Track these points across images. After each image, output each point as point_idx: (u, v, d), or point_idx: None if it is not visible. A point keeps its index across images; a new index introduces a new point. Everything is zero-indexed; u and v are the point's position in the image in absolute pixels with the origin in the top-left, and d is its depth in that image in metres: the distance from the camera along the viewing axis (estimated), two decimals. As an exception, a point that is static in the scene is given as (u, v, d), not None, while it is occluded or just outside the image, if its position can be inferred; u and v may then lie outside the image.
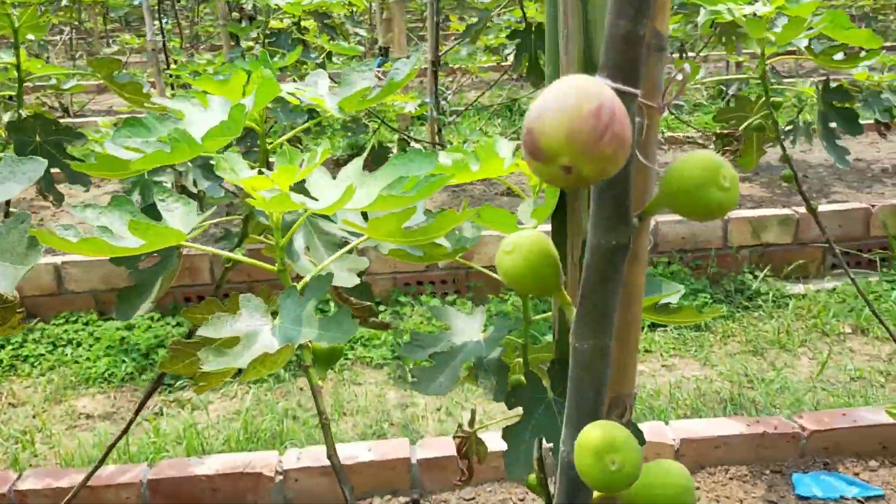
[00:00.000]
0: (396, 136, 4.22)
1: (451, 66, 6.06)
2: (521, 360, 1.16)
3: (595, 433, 0.54)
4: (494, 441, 1.16)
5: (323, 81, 1.28)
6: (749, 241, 3.40)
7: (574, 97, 0.41)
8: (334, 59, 5.59)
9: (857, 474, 1.97)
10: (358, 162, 0.84)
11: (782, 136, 2.07)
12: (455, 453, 1.25)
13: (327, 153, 0.97)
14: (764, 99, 2.00)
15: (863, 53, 1.87)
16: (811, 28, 1.70)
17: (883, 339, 2.91)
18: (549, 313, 1.21)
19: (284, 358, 0.75)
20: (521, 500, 2.00)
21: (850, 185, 4.20)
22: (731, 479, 1.97)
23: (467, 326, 1.12)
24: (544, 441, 1.04)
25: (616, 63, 0.45)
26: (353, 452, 1.94)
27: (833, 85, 1.92)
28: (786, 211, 3.43)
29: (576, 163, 0.42)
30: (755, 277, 3.34)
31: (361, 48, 4.48)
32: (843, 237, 3.39)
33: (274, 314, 0.81)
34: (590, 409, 0.57)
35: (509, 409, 1.07)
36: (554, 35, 0.93)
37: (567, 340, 1.06)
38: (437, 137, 4.30)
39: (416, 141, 4.62)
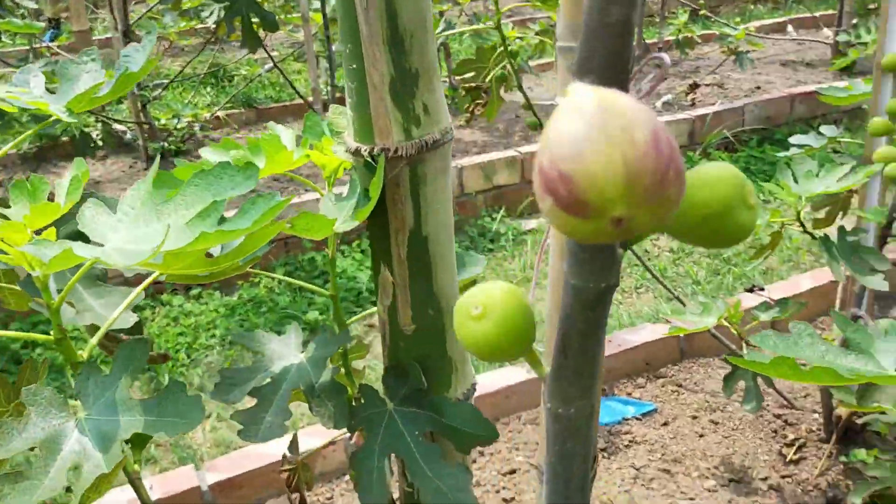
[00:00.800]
0: (95, 120, 3.73)
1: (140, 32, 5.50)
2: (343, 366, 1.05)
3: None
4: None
5: (37, 80, 1.03)
6: (483, 186, 3.51)
7: (618, 122, 0.29)
8: (4, 38, 4.80)
9: (629, 394, 2.12)
10: (143, 186, 0.66)
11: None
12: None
13: (86, 175, 0.76)
14: (502, 48, 2.02)
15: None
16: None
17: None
18: (364, 312, 1.10)
19: (119, 467, 0.56)
20: None
21: (557, 119, 4.50)
22: (524, 424, 2.03)
23: (283, 348, 0.97)
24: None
25: (609, 62, 0.35)
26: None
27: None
28: (510, 153, 3.58)
29: (633, 213, 0.31)
30: (493, 220, 3.47)
31: (41, 24, 3.86)
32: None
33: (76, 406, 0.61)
34: (579, 480, 0.48)
35: (351, 433, 0.96)
36: (346, 4, 0.80)
37: (399, 344, 0.97)
38: (142, 116, 3.88)
39: (118, 122, 4.15)
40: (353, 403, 0.99)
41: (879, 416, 1.66)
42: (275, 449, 1.65)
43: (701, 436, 1.98)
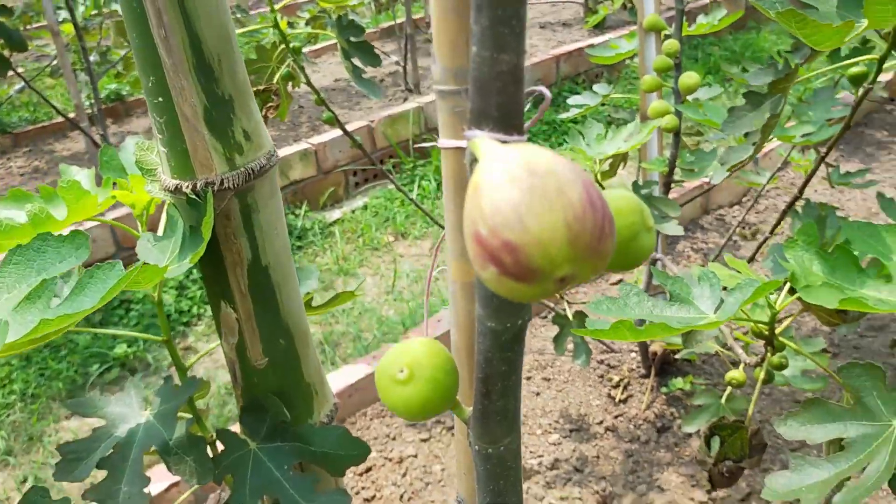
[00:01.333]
0: None
1: None
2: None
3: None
4: None
5: None
6: (280, 182, 3.42)
7: (552, 184, 0.29)
8: None
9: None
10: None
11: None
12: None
13: None
14: (283, 46, 1.96)
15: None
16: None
17: (420, 237, 3.22)
18: (204, 351, 1.03)
19: None
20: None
21: (343, 105, 4.47)
22: (371, 420, 2.02)
23: (124, 409, 0.89)
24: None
25: (505, 111, 0.34)
26: None
27: (345, 22, 1.95)
28: (303, 145, 3.51)
29: (576, 270, 0.31)
30: (297, 216, 3.40)
31: None
32: (357, 156, 3.62)
33: None
34: (515, 511, 0.47)
35: (218, 483, 0.90)
36: (140, 31, 0.73)
37: (253, 380, 0.92)
38: None
39: None
40: (213, 451, 0.93)
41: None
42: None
43: (537, 394, 2.08)
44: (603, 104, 2.34)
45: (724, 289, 1.05)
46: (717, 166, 1.61)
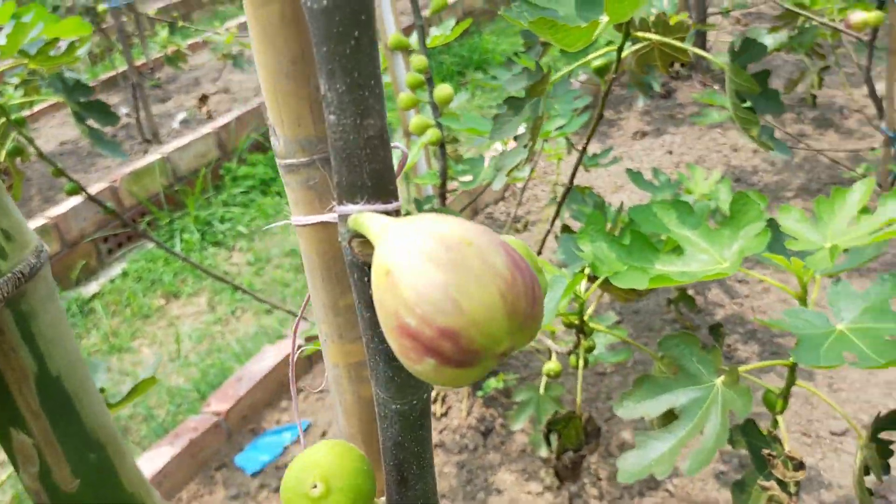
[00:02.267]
0: None
1: None
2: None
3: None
4: None
5: None
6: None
7: (473, 256, 0.26)
8: None
9: (278, 421, 2.07)
10: None
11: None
12: None
13: None
14: (3, 120, 1.74)
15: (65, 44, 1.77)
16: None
17: (194, 293, 3.03)
18: None
19: None
20: None
21: (76, 169, 4.10)
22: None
23: None
24: None
25: (379, 178, 0.29)
26: None
27: (71, 83, 1.78)
28: (40, 221, 3.16)
29: (516, 340, 0.28)
30: (48, 299, 3.05)
31: None
32: (105, 221, 3.33)
33: None
34: None
35: None
36: None
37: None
38: None
39: None
40: None
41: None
42: None
43: (358, 429, 2.02)
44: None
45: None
46: (492, 171, 1.66)
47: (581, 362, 1.21)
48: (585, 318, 1.20)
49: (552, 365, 1.39)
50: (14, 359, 0.70)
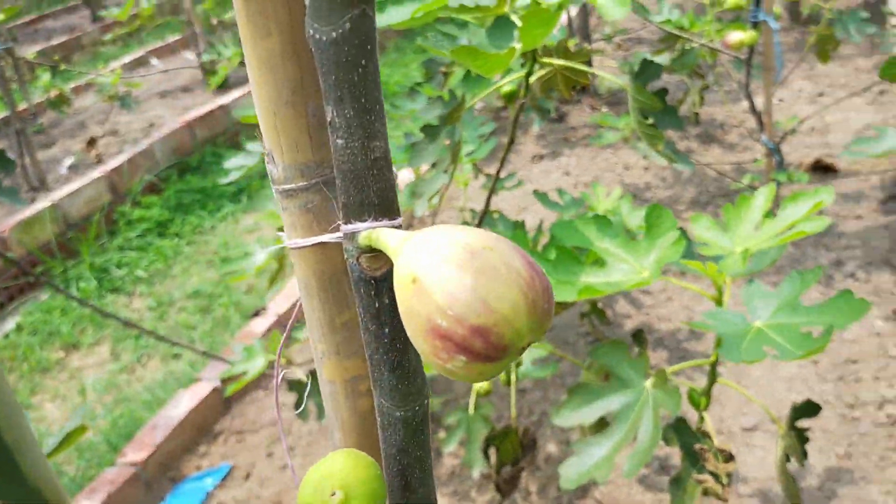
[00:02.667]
0: None
1: None
2: None
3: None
4: None
5: None
6: None
7: (496, 259, 0.29)
8: None
9: (199, 467, 2.01)
10: None
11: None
12: None
13: None
14: None
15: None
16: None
17: (95, 342, 2.90)
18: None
19: None
20: None
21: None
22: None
23: None
24: None
25: (384, 197, 0.32)
26: None
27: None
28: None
29: (535, 335, 0.31)
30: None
31: None
32: (-7, 273, 3.16)
33: None
34: None
35: None
36: None
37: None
38: None
39: None
40: None
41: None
42: None
43: (284, 467, 1.99)
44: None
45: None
46: (408, 198, 1.68)
47: (513, 377, 1.24)
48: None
49: (483, 384, 1.42)
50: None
